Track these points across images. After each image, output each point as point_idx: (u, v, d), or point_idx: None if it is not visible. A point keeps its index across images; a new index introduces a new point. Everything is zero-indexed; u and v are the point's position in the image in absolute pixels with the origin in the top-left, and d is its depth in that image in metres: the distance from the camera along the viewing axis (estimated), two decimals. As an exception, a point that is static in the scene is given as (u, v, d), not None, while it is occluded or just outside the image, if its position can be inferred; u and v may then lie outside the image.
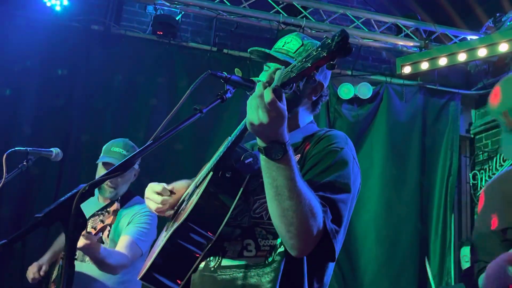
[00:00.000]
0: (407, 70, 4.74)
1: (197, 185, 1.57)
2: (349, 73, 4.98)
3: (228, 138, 1.51)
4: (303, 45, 1.57)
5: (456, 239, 4.99)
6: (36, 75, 4.21)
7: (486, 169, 4.93)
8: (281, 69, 1.18)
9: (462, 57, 4.58)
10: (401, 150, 4.88)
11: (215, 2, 4.60)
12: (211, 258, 1.44)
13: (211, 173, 1.42)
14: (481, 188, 4.91)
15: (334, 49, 1.05)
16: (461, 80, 5.29)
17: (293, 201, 1.21)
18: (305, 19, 4.72)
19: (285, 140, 1.20)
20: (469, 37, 4.87)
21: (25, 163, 2.42)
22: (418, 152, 4.92)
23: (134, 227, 2.68)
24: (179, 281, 1.42)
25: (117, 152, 2.78)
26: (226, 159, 1.43)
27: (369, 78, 5.04)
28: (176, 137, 2.00)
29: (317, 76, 1.57)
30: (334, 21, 4.89)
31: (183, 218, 1.38)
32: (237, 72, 1.55)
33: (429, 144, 4.98)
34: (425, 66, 4.69)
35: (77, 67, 4.33)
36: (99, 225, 2.40)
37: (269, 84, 1.16)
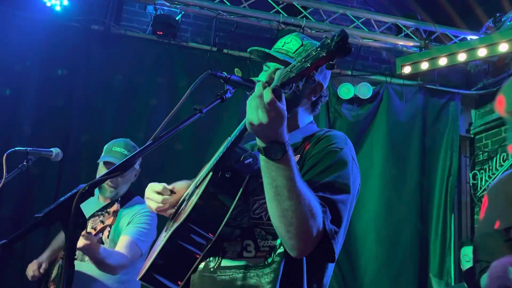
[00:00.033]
0: (407, 70, 4.74)
1: (197, 185, 1.57)
2: (349, 73, 4.98)
3: (228, 138, 1.51)
4: (302, 45, 1.57)
5: (456, 239, 4.99)
6: (36, 75, 4.22)
7: (486, 169, 4.92)
8: (280, 69, 1.17)
9: (462, 57, 4.58)
10: (401, 150, 4.88)
11: (215, 2, 4.60)
12: (211, 258, 1.43)
13: (210, 174, 1.42)
14: (481, 188, 4.91)
15: (333, 49, 1.05)
16: (461, 80, 5.29)
17: (293, 201, 1.21)
18: (305, 19, 4.71)
19: (285, 140, 1.20)
20: (469, 37, 4.87)
21: (25, 163, 2.42)
22: (418, 152, 4.91)
23: (134, 227, 2.68)
24: (179, 282, 1.42)
25: (118, 152, 2.78)
26: (225, 160, 1.43)
27: (369, 78, 5.04)
28: (176, 137, 2.00)
29: (316, 76, 1.57)
30: (334, 21, 4.89)
31: (182, 218, 1.38)
32: (237, 72, 1.55)
33: (429, 144, 4.98)
34: (425, 66, 4.69)
35: (77, 67, 4.33)
36: (99, 225, 2.40)
37: (268, 84, 1.16)
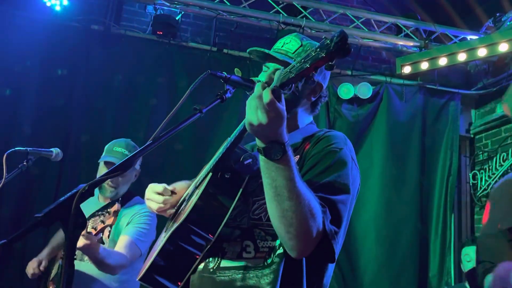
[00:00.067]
0: (407, 70, 4.74)
1: (196, 186, 1.57)
2: (349, 73, 4.97)
3: (227, 139, 1.51)
4: (302, 46, 1.57)
5: (456, 239, 4.98)
6: (36, 75, 4.21)
7: (486, 169, 4.92)
8: (280, 70, 1.18)
9: (462, 57, 4.58)
10: (401, 150, 4.87)
11: (215, 2, 4.59)
12: (210, 259, 1.43)
13: (210, 174, 1.42)
14: (481, 188, 4.91)
15: (332, 50, 1.04)
16: (461, 80, 5.29)
17: (293, 202, 1.21)
18: (305, 19, 4.71)
19: (284, 140, 1.20)
20: (469, 37, 4.87)
21: (25, 163, 2.42)
22: (418, 152, 4.91)
23: (133, 227, 2.68)
24: (179, 282, 1.42)
25: (119, 152, 2.78)
26: (225, 160, 1.43)
27: (369, 78, 5.03)
28: (176, 137, 2.00)
29: (316, 76, 1.57)
30: (334, 21, 4.89)
31: (182, 218, 1.38)
32: (237, 72, 1.55)
33: (429, 144, 4.98)
34: (425, 66, 4.69)
35: (77, 67, 4.32)
36: (99, 225, 2.40)
37: (268, 84, 1.16)
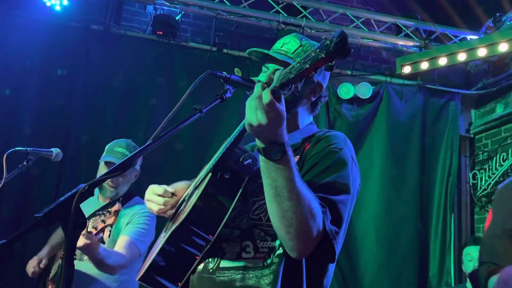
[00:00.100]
0: (407, 70, 4.74)
1: (196, 186, 1.57)
2: (349, 73, 4.97)
3: (227, 139, 1.51)
4: (301, 46, 1.57)
5: (456, 239, 4.98)
6: (36, 75, 4.21)
7: (486, 169, 4.92)
8: (279, 70, 1.18)
9: (462, 57, 4.58)
10: (401, 150, 4.87)
11: (215, 2, 4.59)
12: (210, 259, 1.43)
13: (210, 174, 1.42)
14: (481, 188, 4.91)
15: (332, 51, 1.04)
16: (461, 80, 5.28)
17: (293, 202, 1.21)
18: (305, 19, 4.71)
19: (284, 140, 1.20)
20: (469, 37, 4.87)
21: (25, 163, 2.42)
22: (418, 152, 4.91)
23: (132, 227, 2.68)
24: (179, 283, 1.42)
25: (120, 152, 2.78)
26: (225, 160, 1.43)
27: (369, 78, 5.03)
28: (176, 137, 2.00)
29: (315, 77, 1.58)
30: (334, 21, 4.89)
31: (181, 219, 1.38)
32: (237, 71, 1.55)
33: (429, 144, 4.98)
34: (425, 66, 4.69)
35: (77, 67, 4.32)
36: (100, 225, 2.40)
37: (267, 85, 1.16)
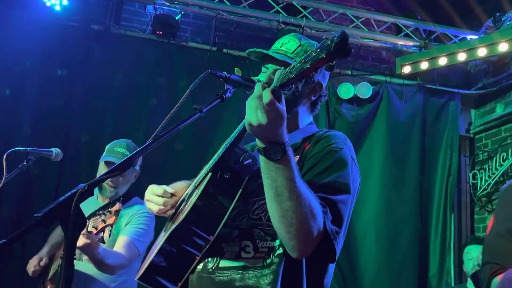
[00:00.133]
0: (407, 69, 4.74)
1: (196, 186, 1.56)
2: (349, 72, 4.97)
3: (227, 139, 1.51)
4: (300, 45, 1.57)
5: (456, 239, 4.98)
6: (36, 75, 4.21)
7: (486, 168, 4.92)
8: (280, 70, 1.17)
9: (462, 57, 4.57)
10: (401, 150, 4.87)
11: (215, 1, 4.59)
12: (209, 259, 1.43)
13: (210, 174, 1.42)
14: (481, 187, 4.91)
15: (333, 51, 1.04)
16: (461, 79, 5.28)
17: (293, 202, 1.20)
18: (304, 18, 4.71)
19: (284, 140, 1.20)
20: (469, 37, 4.87)
21: (25, 163, 2.42)
22: (418, 151, 4.91)
23: (132, 227, 2.68)
24: (178, 283, 1.42)
25: (120, 152, 2.79)
26: (225, 160, 1.43)
27: (369, 77, 5.03)
28: (176, 137, 2.00)
29: (315, 76, 1.58)
30: (333, 20, 4.89)
31: (181, 218, 1.38)
32: (237, 71, 1.55)
33: (429, 143, 4.97)
34: (425, 65, 4.69)
35: (77, 67, 4.32)
36: (100, 224, 2.39)
37: (268, 85, 1.16)
